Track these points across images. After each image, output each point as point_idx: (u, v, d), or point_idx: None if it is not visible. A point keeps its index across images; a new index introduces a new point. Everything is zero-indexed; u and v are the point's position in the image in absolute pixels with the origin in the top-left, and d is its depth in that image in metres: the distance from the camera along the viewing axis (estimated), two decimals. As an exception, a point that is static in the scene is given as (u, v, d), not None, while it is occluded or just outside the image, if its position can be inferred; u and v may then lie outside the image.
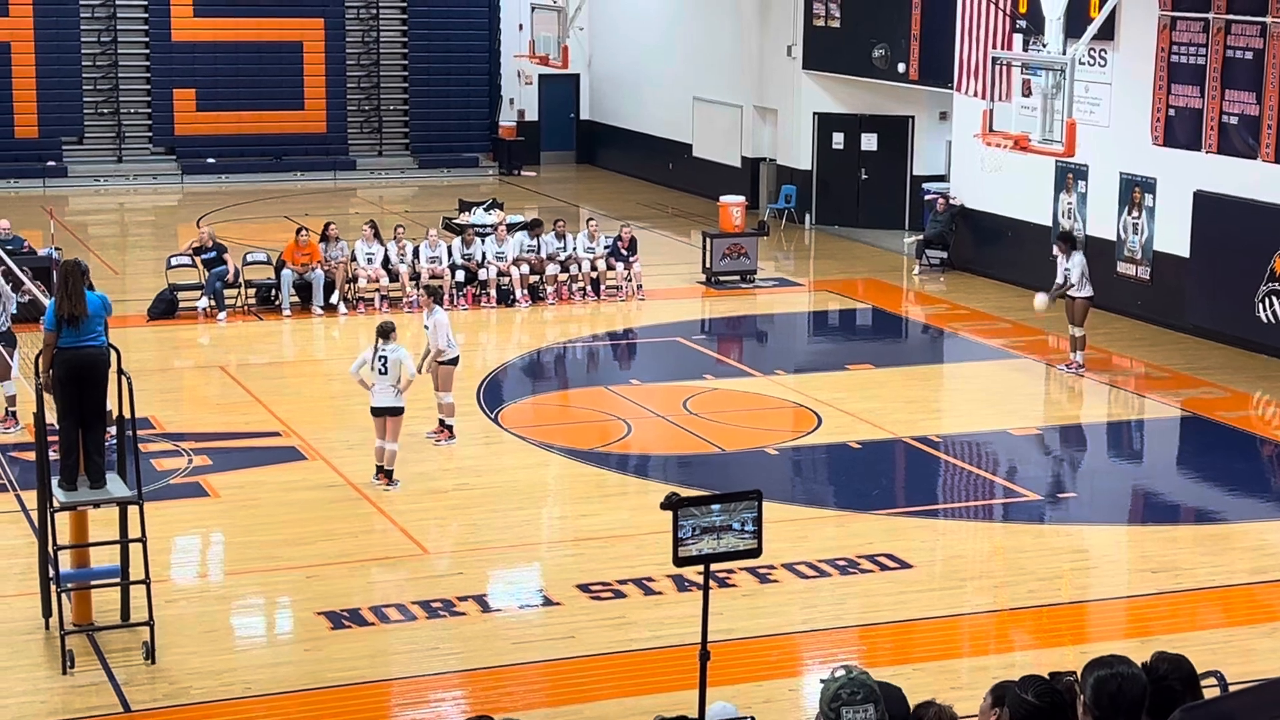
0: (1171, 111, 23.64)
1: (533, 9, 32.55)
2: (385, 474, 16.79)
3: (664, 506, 8.16)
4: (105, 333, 12.91)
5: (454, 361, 18.26)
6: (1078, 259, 21.52)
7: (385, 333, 16.66)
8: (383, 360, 16.53)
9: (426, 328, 18.20)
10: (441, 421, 18.29)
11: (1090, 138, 23.61)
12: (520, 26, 36.82)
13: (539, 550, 15.73)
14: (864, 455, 18.45)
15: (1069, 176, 25.68)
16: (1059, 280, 21.62)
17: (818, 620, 13.84)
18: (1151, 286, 24.37)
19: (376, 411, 16.70)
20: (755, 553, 8.36)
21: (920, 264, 28.46)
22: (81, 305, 12.67)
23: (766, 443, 18.79)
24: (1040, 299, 21.76)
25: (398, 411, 16.69)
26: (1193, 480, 18.35)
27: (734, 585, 14.21)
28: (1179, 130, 23.53)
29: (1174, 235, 23.80)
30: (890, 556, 15.10)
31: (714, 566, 8.46)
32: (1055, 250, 22.10)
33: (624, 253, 26.01)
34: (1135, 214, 24.54)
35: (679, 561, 8.15)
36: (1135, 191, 24.48)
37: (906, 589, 14.39)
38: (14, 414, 18.47)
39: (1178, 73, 23.45)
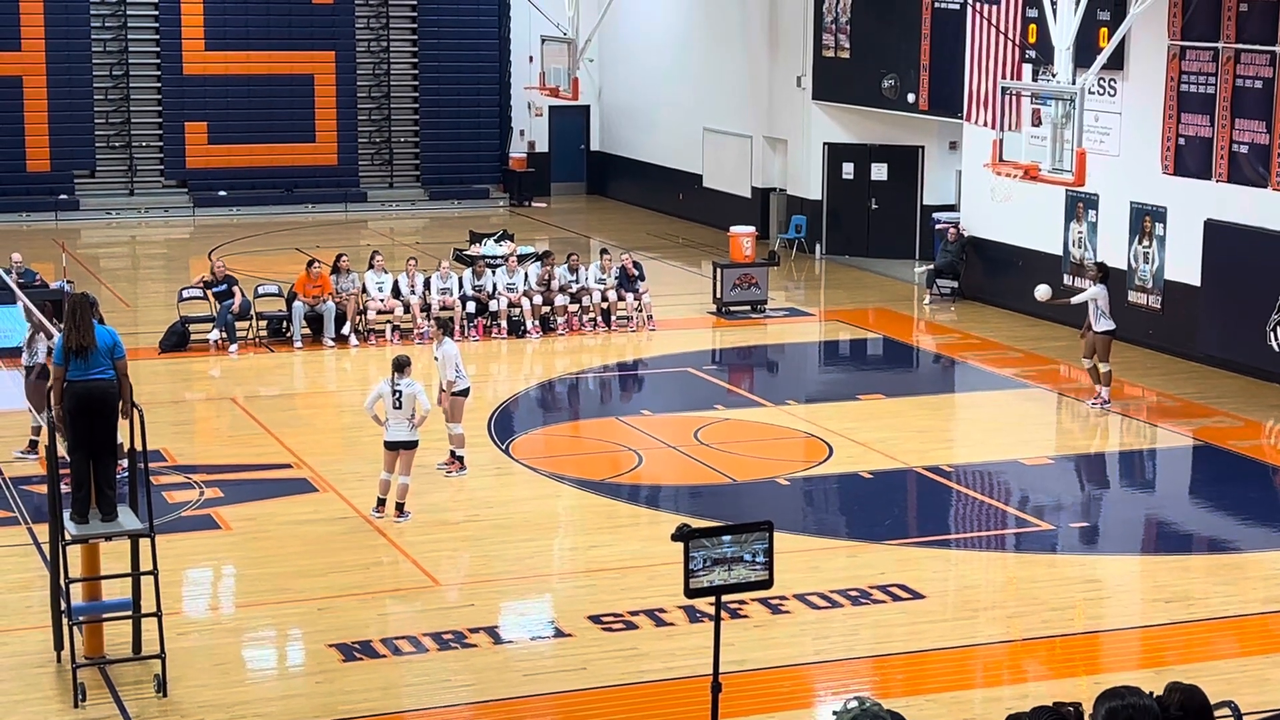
0: (1181, 140, 23.65)
1: (543, 41, 32.65)
2: (396, 507, 16.73)
3: (675, 538, 8.16)
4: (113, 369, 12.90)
5: (465, 393, 18.26)
6: (1096, 290, 21.43)
7: (400, 366, 16.63)
8: (398, 395, 16.47)
9: (436, 359, 18.22)
10: (452, 453, 18.29)
11: (1100, 167, 23.62)
12: (530, 58, 36.93)
13: (550, 581, 15.71)
14: (876, 485, 18.41)
15: (1079, 206, 25.68)
16: (1073, 300, 21.73)
17: (830, 651, 13.80)
18: (1163, 315, 24.35)
19: (391, 445, 16.62)
20: (767, 584, 8.35)
21: (931, 293, 28.46)
22: (90, 337, 12.69)
23: (778, 473, 18.77)
24: (1043, 289, 22.06)
25: (412, 445, 16.64)
26: (1206, 510, 18.29)
27: (746, 616, 14.18)
28: (1189, 159, 23.54)
29: (1185, 264, 23.78)
30: (902, 587, 15.06)
31: (725, 597, 8.45)
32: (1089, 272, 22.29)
33: (631, 278, 26.04)
34: (1146, 243, 24.53)
35: (690, 593, 8.15)
36: (1146, 221, 24.47)
37: (919, 619, 14.35)
38: (35, 442, 18.54)
39: (1187, 102, 23.47)
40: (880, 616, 14.41)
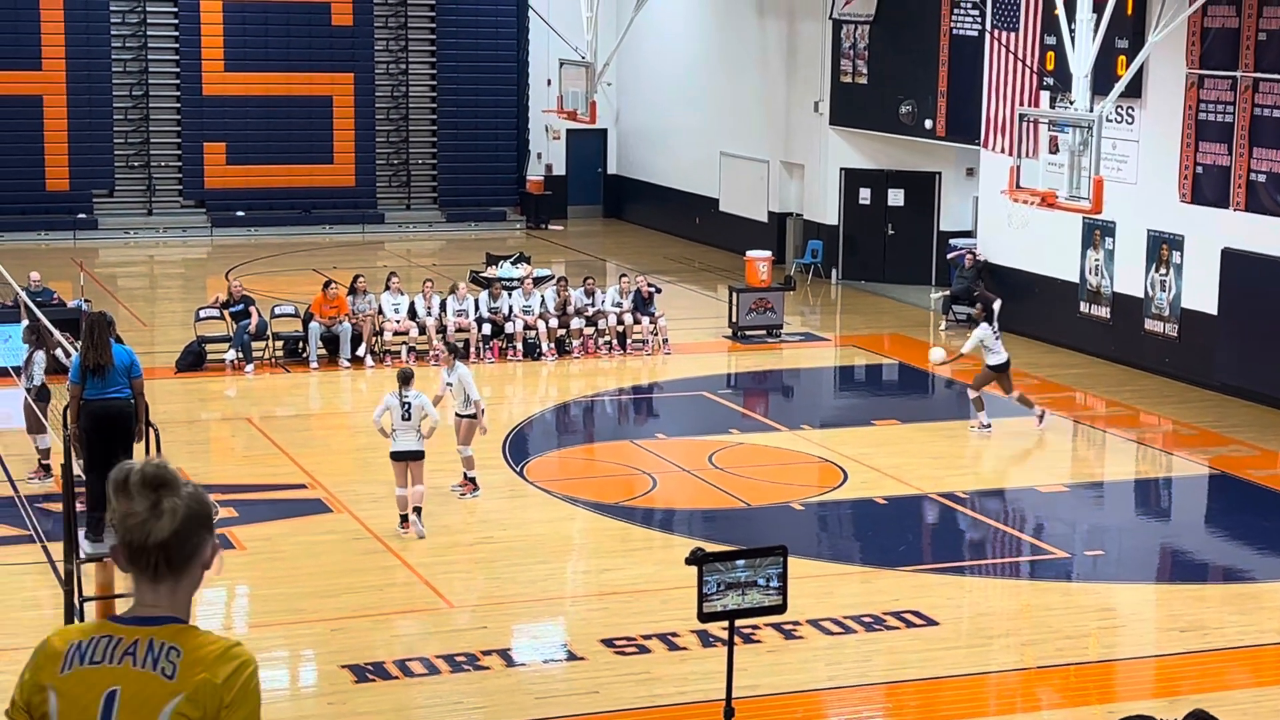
0: (1199, 169, 23.63)
1: (561, 64, 32.75)
2: (415, 511, 16.81)
3: (689, 562, 8.15)
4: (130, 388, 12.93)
5: (475, 416, 18.22)
6: (981, 332, 21.47)
7: (406, 379, 16.89)
8: (406, 406, 16.70)
9: (449, 384, 18.11)
10: (465, 475, 18.30)
11: (1117, 195, 23.60)
12: (549, 82, 37.02)
13: (563, 604, 15.69)
14: (890, 511, 18.38)
15: (1096, 233, 25.66)
16: (965, 350, 21.81)
17: (843, 677, 13.76)
18: (1179, 344, 24.30)
19: (399, 456, 16.80)
20: (780, 609, 8.35)
21: (947, 319, 28.43)
22: (107, 355, 12.72)
23: (792, 498, 18.74)
24: (937, 352, 22.21)
25: (420, 456, 16.82)
26: (1221, 539, 18.22)
27: (759, 641, 14.15)
28: (1206, 188, 23.51)
29: (1202, 292, 23.74)
30: (916, 613, 15.02)
31: (738, 622, 8.44)
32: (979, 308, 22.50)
33: (645, 300, 26.06)
34: (1163, 271, 24.49)
35: (704, 617, 8.15)
36: (1163, 249, 24.45)
37: (933, 646, 14.31)
38: (46, 466, 18.54)
39: (1205, 130, 23.45)
40: (894, 643, 14.37)
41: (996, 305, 24.91)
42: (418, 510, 16.90)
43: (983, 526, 18.19)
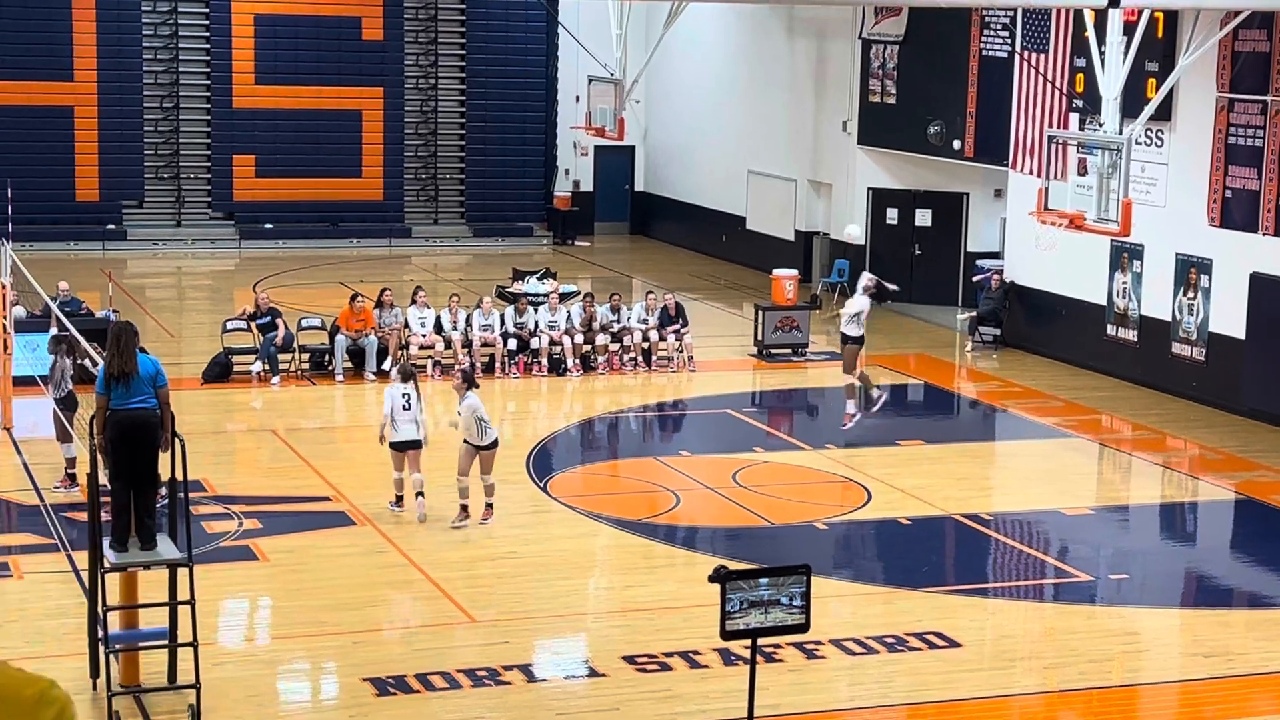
0: (1228, 193, 23.56)
1: (590, 81, 32.74)
2: (417, 495, 17.70)
3: (712, 580, 8.15)
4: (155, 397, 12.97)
5: (493, 445, 17.60)
6: (864, 303, 22.12)
7: (407, 376, 17.90)
8: (406, 397, 17.61)
9: (459, 414, 17.52)
10: (487, 502, 17.86)
11: (1146, 218, 23.54)
12: (577, 98, 37.07)
13: (585, 620, 15.68)
14: (914, 532, 18.33)
15: (1124, 256, 25.59)
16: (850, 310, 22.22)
17: (864, 698, 13.73)
18: (1206, 368, 24.21)
19: (400, 446, 17.72)
20: (803, 628, 8.33)
21: (973, 340, 28.38)
22: (133, 364, 12.76)
23: (815, 517, 18.71)
24: (853, 229, 22.41)
25: (419, 445, 17.73)
26: (1246, 564, 18.14)
27: (780, 660, 14.12)
28: (1236, 211, 23.44)
29: (1230, 317, 23.66)
30: (939, 635, 14.97)
31: (760, 640, 8.42)
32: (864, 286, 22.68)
33: (670, 317, 26.07)
34: (1191, 295, 24.42)
35: (726, 635, 8.13)
36: (1191, 272, 24.37)
37: (955, 668, 14.26)
38: (72, 475, 18.62)
39: (1235, 154, 23.39)
40: (916, 664, 14.33)
41: (890, 288, 24.95)
42: (420, 495, 17.71)
43: (1006, 548, 18.13)
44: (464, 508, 17.65)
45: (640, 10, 33.72)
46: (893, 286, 24.50)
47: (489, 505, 17.80)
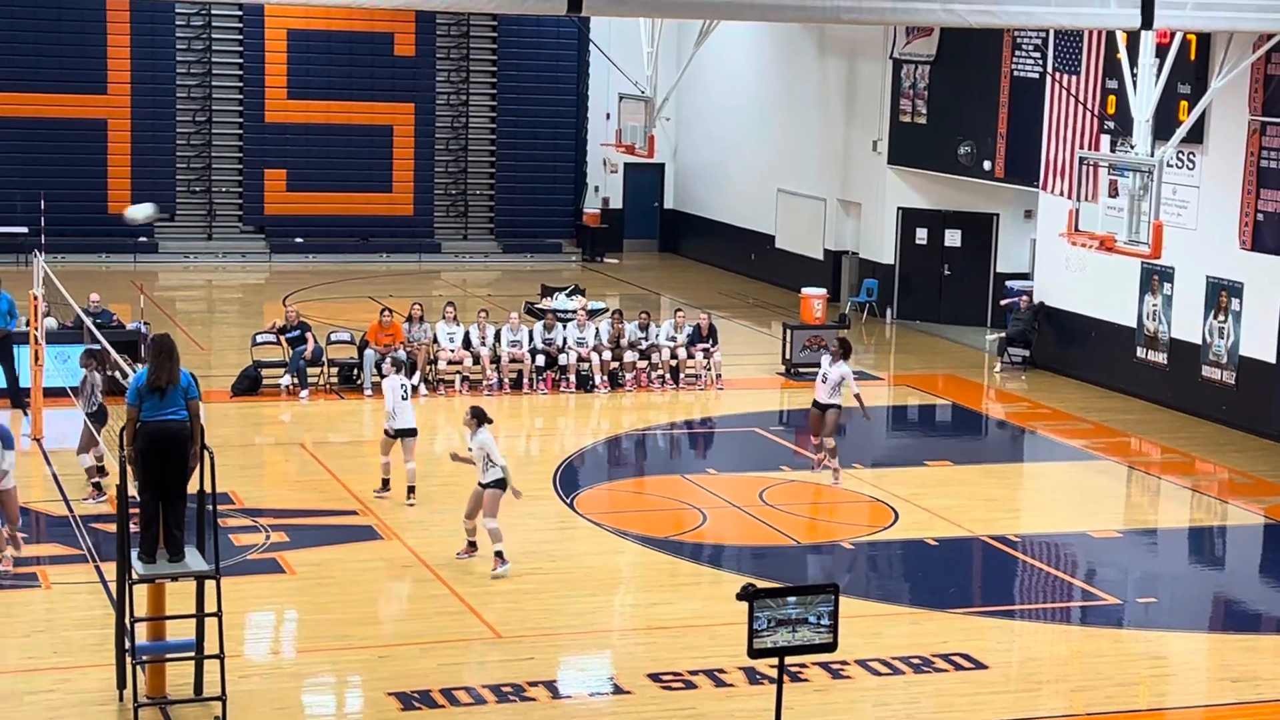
0: (1260, 216, 23.48)
1: (620, 99, 32.83)
2: (409, 490, 18.80)
3: (740, 597, 8.14)
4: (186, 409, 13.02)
5: (500, 484, 16.71)
6: (846, 368, 20.58)
7: (400, 366, 19.41)
8: (404, 388, 18.96)
9: (470, 449, 16.92)
10: (495, 550, 16.84)
11: (1177, 240, 23.48)
12: (608, 116, 37.11)
13: (610, 637, 15.67)
14: (941, 553, 18.29)
15: (1154, 278, 25.51)
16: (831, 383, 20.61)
17: (890, 719, 13.69)
18: (1237, 391, 24.11)
19: (399, 433, 18.84)
20: (830, 647, 8.32)
21: (1002, 361, 28.32)
22: (176, 375, 12.84)
23: (842, 537, 18.68)
24: (142, 210, 21.95)
25: (414, 433, 18.95)
26: (1275, 589, 18.05)
27: (806, 680, 14.09)
28: (1267, 235, 23.36)
29: (1261, 340, 23.56)
30: (965, 656, 14.93)
31: (786, 660, 8.41)
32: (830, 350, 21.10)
33: (702, 335, 26.07)
34: (1221, 318, 24.33)
35: (754, 653, 8.12)
36: (1222, 295, 24.28)
37: (981, 690, 14.21)
38: (97, 485, 18.70)
39: (1267, 177, 23.31)
40: (942, 685, 14.29)
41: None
42: (410, 488, 18.83)
43: (1034, 570, 18.07)
44: (471, 544, 17.04)
45: (671, 28, 33.78)
46: (848, 342, 22.82)
47: (496, 554, 16.69)
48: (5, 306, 23.08)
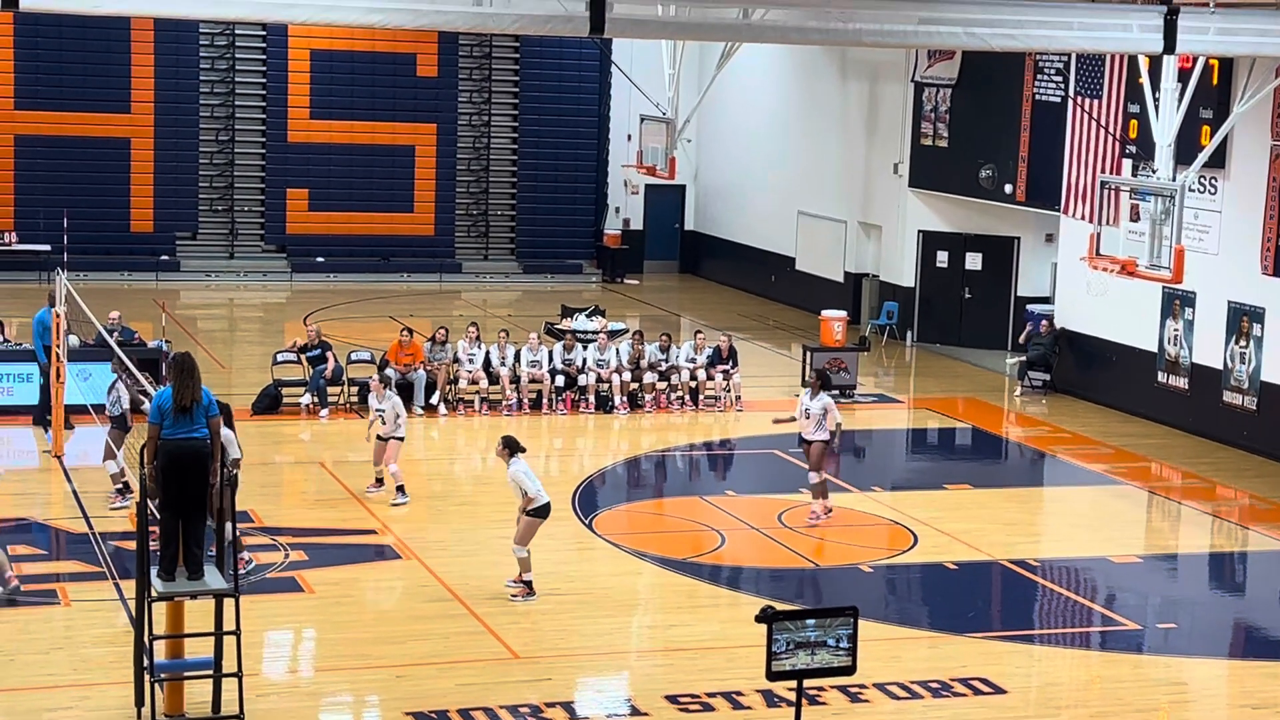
0: (1282, 241, 23.42)
1: (642, 120, 32.89)
2: (398, 489, 19.82)
3: (759, 619, 8.12)
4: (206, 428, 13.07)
5: (540, 513, 16.52)
6: (829, 399, 19.82)
7: (387, 383, 20.54)
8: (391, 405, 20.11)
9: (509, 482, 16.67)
10: (527, 583, 16.77)
11: (1198, 265, 23.42)
12: (629, 137, 37.20)
13: (628, 659, 15.65)
14: (960, 576, 18.24)
15: (1175, 303, 25.46)
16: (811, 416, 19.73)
17: (908, 743, 13.65)
18: (1258, 417, 24.03)
19: (384, 438, 20.01)
20: (849, 670, 8.30)
21: (1022, 385, 28.27)
22: (199, 394, 12.89)
23: (861, 560, 18.64)
24: None
25: (400, 439, 20.14)
26: (1297, 616, 17.97)
27: (824, 703, 14.06)
28: (1289, 260, 23.30)
29: (1282, 365, 23.51)
30: (984, 681, 14.88)
31: (805, 683, 8.39)
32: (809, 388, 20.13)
33: (722, 357, 26.06)
34: (1243, 343, 24.26)
35: (772, 676, 8.10)
36: (1243, 320, 24.22)
37: (1000, 714, 14.16)
38: (124, 486, 18.88)
39: (1289, 202, 23.26)
40: (960, 710, 14.24)
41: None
42: (399, 488, 19.87)
43: (1053, 595, 18.01)
44: (527, 584, 16.71)
45: (693, 50, 33.84)
46: (827, 376, 22.13)
47: (523, 582, 16.62)
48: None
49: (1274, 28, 19.42)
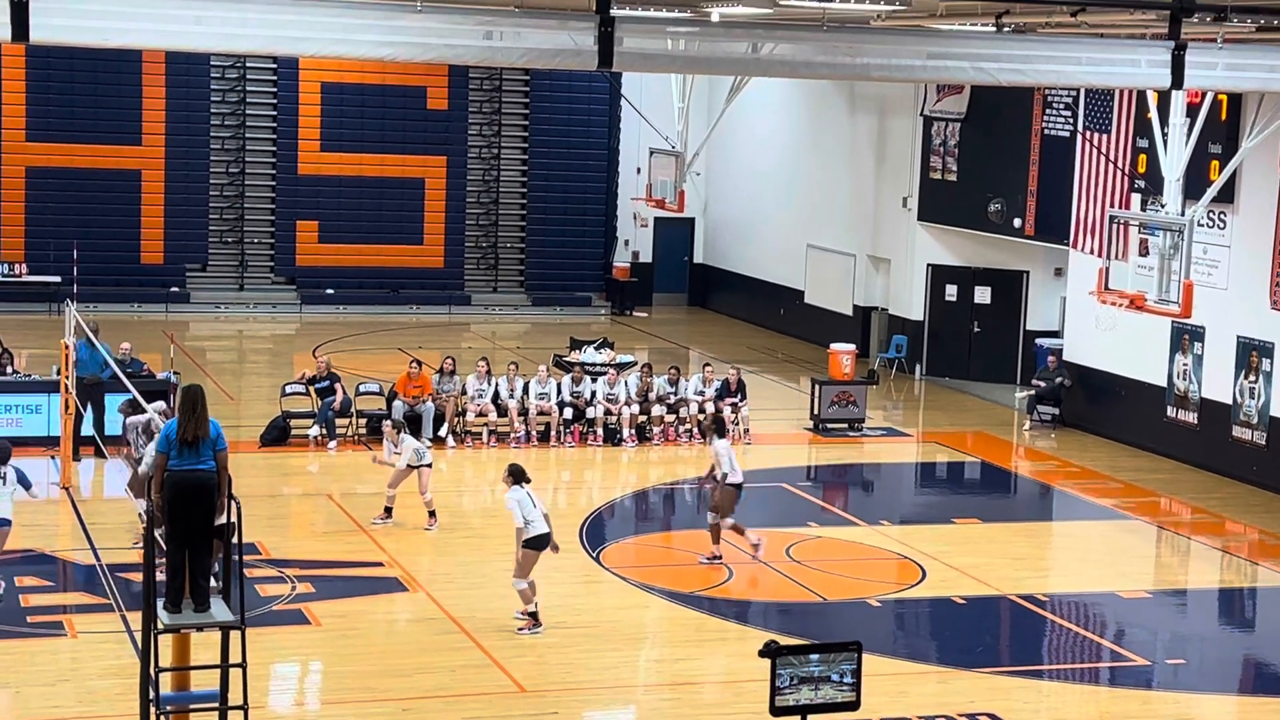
0: (1291, 275, 23.41)
1: (651, 153, 32.98)
2: (430, 514, 20.10)
3: (763, 654, 8.10)
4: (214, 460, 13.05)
5: (535, 544, 16.53)
6: (721, 445, 19.43)
7: (400, 428, 20.78)
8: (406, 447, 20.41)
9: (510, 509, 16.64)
10: (532, 615, 16.78)
11: (1207, 299, 23.41)
12: (638, 170, 37.27)
13: (635, 693, 15.61)
14: (968, 611, 18.19)
15: (1185, 338, 25.44)
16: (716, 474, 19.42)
17: (916, 778, 13.60)
18: (1267, 452, 23.98)
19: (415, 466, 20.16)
20: (853, 706, 8.27)
21: (1031, 419, 28.23)
22: (205, 428, 12.87)
23: (869, 594, 18.60)
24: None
25: (428, 466, 20.38)
26: (1307, 652, 17.90)
27: (831, 738, 13.99)
28: (1298, 295, 23.28)
29: (1292, 400, 23.46)
30: (992, 716, 14.83)
31: (810, 718, 8.37)
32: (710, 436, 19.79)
33: (731, 391, 26.04)
34: (1252, 378, 24.23)
35: (775, 711, 8.07)
36: (1252, 355, 24.19)
37: (1008, 750, 14.11)
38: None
39: (1298, 237, 23.25)
40: (968, 745, 14.19)
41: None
42: (388, 509, 20.32)
43: (1062, 630, 17.95)
44: (533, 615, 16.72)
45: (703, 84, 33.92)
46: (721, 419, 21.53)
47: (528, 614, 16.62)
48: (101, 356, 23.04)
49: (1282, 63, 19.43)
